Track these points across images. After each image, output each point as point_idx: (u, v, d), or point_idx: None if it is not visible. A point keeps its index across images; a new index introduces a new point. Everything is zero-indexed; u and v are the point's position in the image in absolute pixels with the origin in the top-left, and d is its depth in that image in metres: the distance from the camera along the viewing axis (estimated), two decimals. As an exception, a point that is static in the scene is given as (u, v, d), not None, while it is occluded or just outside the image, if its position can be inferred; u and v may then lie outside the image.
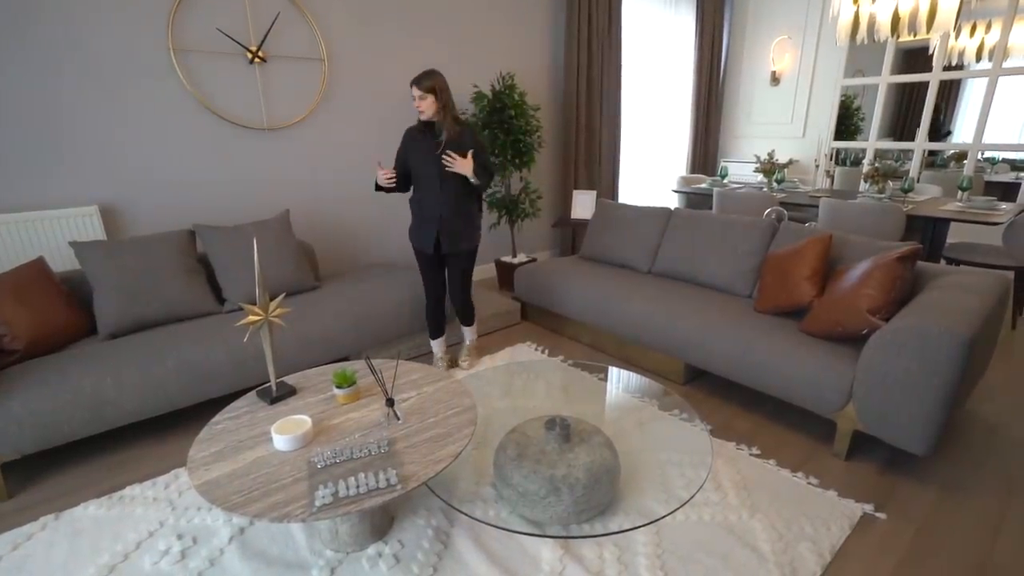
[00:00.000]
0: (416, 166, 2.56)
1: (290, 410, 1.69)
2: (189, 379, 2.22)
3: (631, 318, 2.81)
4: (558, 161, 4.74)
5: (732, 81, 5.84)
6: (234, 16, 2.95)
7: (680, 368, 2.69)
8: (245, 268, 2.73)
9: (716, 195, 4.11)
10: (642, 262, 3.25)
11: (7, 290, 2.22)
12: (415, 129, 2.57)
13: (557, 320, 3.40)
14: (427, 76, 2.39)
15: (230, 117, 3.04)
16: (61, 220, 2.62)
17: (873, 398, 1.92)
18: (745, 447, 2.15)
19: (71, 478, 2.05)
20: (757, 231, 2.81)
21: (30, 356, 2.20)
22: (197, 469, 1.40)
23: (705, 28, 5.44)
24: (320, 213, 3.53)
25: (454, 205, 2.53)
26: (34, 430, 1.93)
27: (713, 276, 2.89)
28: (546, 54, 4.47)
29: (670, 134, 5.70)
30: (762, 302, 2.55)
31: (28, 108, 2.50)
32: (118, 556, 1.65)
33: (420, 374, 1.92)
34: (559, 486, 1.63)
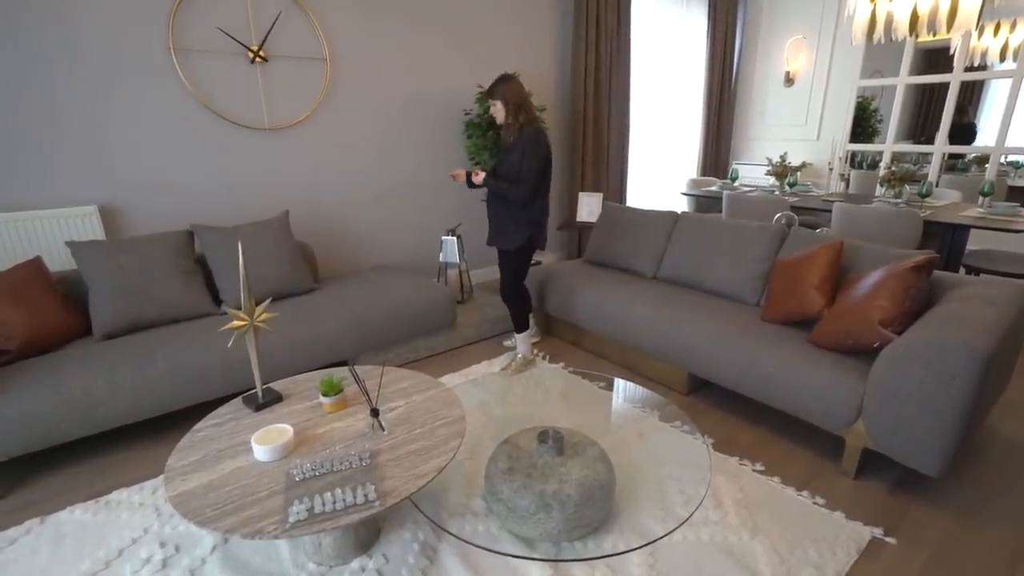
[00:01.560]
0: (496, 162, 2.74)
1: (275, 418, 1.65)
2: (181, 382, 2.19)
3: (634, 325, 2.73)
4: (564, 163, 4.67)
5: (745, 82, 5.72)
6: (235, 15, 2.93)
7: (683, 377, 2.61)
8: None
9: (726, 198, 4.02)
10: (647, 267, 3.17)
11: (2, 290, 2.21)
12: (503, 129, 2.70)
13: (559, 325, 3.33)
14: (497, 83, 2.51)
15: (231, 117, 3.02)
16: (60, 220, 2.62)
17: (884, 414, 1.82)
18: (748, 463, 2.07)
19: (60, 480, 2.03)
20: (766, 236, 2.72)
21: (23, 356, 2.19)
22: (174, 479, 1.36)
23: (717, 28, 5.33)
24: (322, 214, 3.50)
25: (495, 204, 2.68)
26: (24, 432, 1.92)
27: (720, 283, 2.81)
28: (552, 54, 4.40)
29: (681, 136, 5.60)
30: (769, 311, 2.46)
31: (27, 107, 2.49)
32: (99, 563, 1.62)
33: (411, 382, 1.87)
34: (549, 502, 1.56)
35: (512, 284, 2.79)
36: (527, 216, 2.63)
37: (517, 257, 2.73)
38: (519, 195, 2.54)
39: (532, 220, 2.64)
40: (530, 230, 2.65)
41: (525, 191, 2.53)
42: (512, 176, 2.55)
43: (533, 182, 2.53)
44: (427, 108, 3.80)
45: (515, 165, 2.52)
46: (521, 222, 2.64)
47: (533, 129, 2.53)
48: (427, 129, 3.84)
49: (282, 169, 3.28)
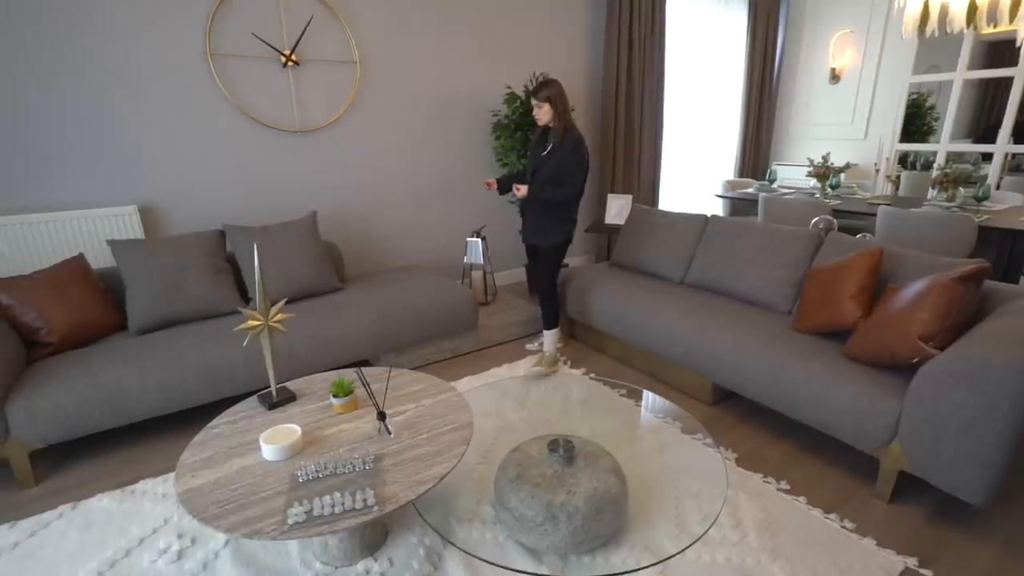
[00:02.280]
0: (528, 158, 2.83)
1: (287, 417, 1.67)
2: (206, 378, 2.26)
3: (659, 332, 2.65)
4: (595, 164, 4.59)
5: (787, 79, 5.49)
6: (269, 21, 3.00)
7: (708, 387, 2.51)
8: (271, 268, 2.77)
9: (762, 201, 3.86)
10: (675, 272, 3.07)
11: (47, 286, 2.33)
12: (537, 133, 2.76)
13: (583, 330, 3.27)
14: (543, 86, 2.54)
15: (263, 120, 3.11)
16: (103, 219, 2.74)
17: (922, 436, 1.70)
18: (773, 480, 1.96)
19: (92, 468, 2.13)
20: (800, 242, 2.59)
21: (63, 349, 2.31)
22: (184, 475, 1.39)
23: (758, 24, 5.14)
24: (350, 214, 3.56)
25: (537, 202, 2.69)
26: (61, 420, 2.01)
27: (750, 290, 2.69)
28: (583, 54, 4.34)
29: (718, 136, 5.43)
30: (802, 320, 2.34)
31: (76, 114, 2.63)
32: (120, 551, 1.68)
33: (423, 385, 1.86)
34: (556, 514, 1.52)
35: (552, 280, 2.85)
36: (566, 214, 2.74)
37: (557, 253, 2.79)
38: (564, 197, 2.63)
39: (570, 218, 2.75)
40: (569, 227, 2.76)
41: (571, 193, 2.63)
42: (554, 178, 2.61)
43: (580, 185, 2.63)
44: (455, 109, 3.81)
45: (561, 166, 2.59)
46: (560, 220, 2.73)
47: (578, 133, 2.63)
48: (455, 130, 3.85)
49: (312, 170, 3.35)
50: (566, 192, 2.62)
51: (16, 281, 2.29)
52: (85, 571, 1.60)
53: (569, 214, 2.75)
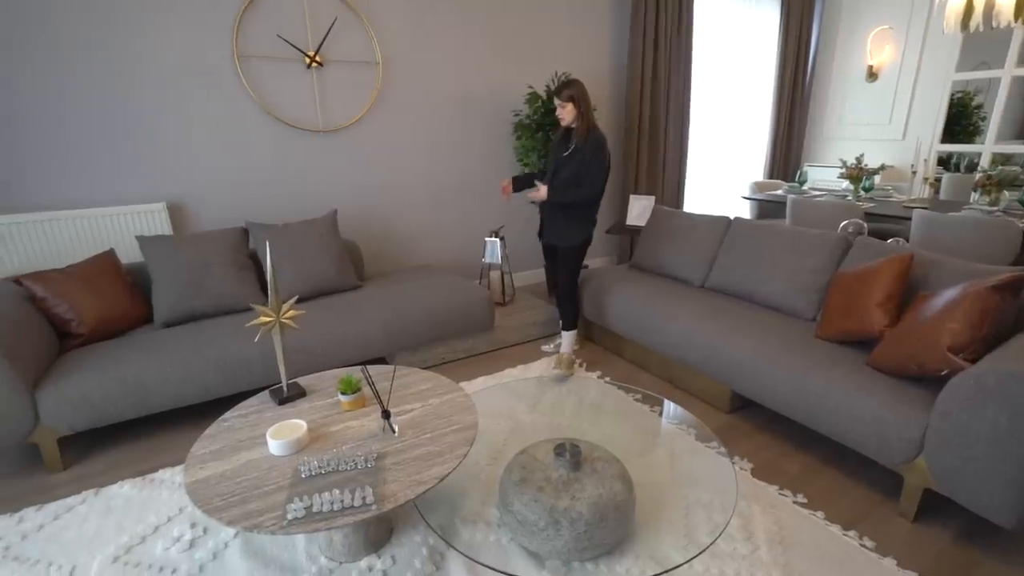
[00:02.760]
0: (549, 157, 2.82)
1: (295, 412, 1.69)
2: (225, 371, 2.32)
3: (676, 336, 2.59)
4: (618, 165, 4.54)
5: (821, 78, 5.32)
6: (294, 23, 3.06)
7: (726, 395, 2.44)
8: (291, 265, 2.82)
9: (790, 203, 3.74)
10: (695, 275, 3.00)
11: (79, 279, 2.43)
12: (559, 133, 2.75)
13: (600, 332, 3.23)
14: (567, 86, 2.53)
15: (287, 119, 3.17)
16: (133, 216, 2.84)
17: (950, 452, 1.61)
18: (790, 493, 1.90)
19: (115, 456, 2.21)
20: (826, 245, 2.49)
21: (92, 340, 2.40)
22: (193, 466, 1.42)
23: (791, 20, 4.98)
24: (370, 213, 3.60)
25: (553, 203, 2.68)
26: (87, 409, 2.09)
27: (772, 294, 2.61)
28: (607, 53, 4.28)
29: (747, 137, 5.29)
30: (825, 328, 2.25)
31: (109, 113, 2.73)
32: (136, 538, 1.73)
33: (431, 384, 1.86)
34: (559, 519, 1.50)
35: (572, 281, 2.83)
36: (585, 214, 2.71)
37: (576, 254, 2.77)
38: (585, 198, 2.61)
39: (590, 218, 2.73)
40: (589, 227, 2.73)
41: (591, 194, 2.61)
42: (576, 178, 2.59)
43: (600, 185, 2.61)
44: (476, 109, 3.81)
45: (583, 167, 2.57)
46: (579, 220, 2.71)
47: (600, 133, 2.60)
48: (475, 130, 3.85)
49: (334, 170, 3.40)
50: (586, 193, 2.60)
51: (50, 274, 2.39)
52: (103, 555, 1.66)
53: (589, 215, 2.72)
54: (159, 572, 1.59)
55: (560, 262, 2.82)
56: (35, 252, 2.64)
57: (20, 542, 1.73)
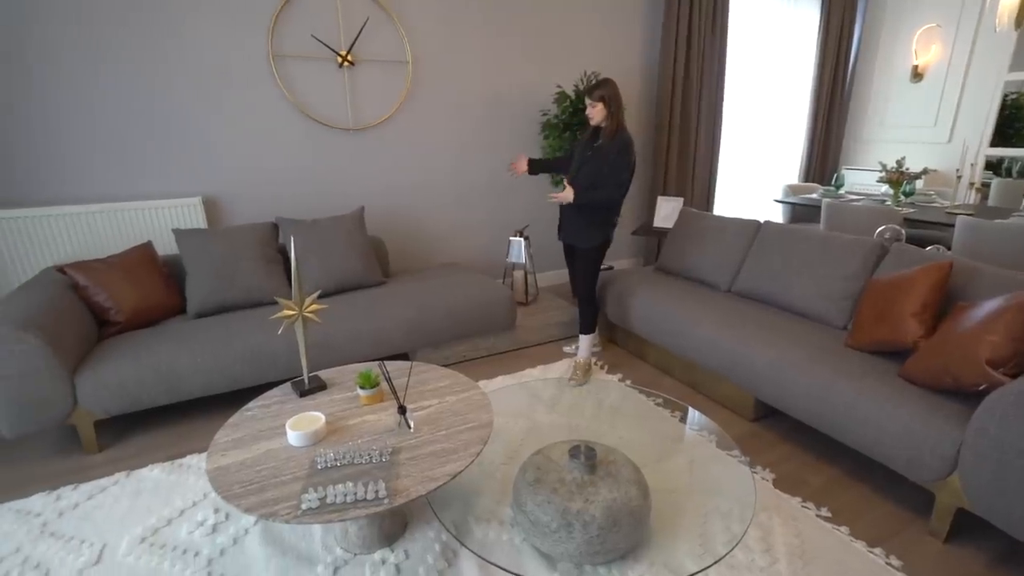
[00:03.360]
0: (573, 156, 2.75)
1: (315, 405, 1.73)
2: (251, 362, 2.38)
3: (700, 341, 2.54)
4: (647, 165, 4.48)
5: (862, 78, 5.13)
6: (327, 23, 3.12)
7: (750, 402, 2.39)
8: (318, 260, 2.88)
9: (825, 207, 3.62)
10: (722, 279, 2.94)
11: (118, 270, 2.54)
12: (586, 131, 2.71)
13: (623, 335, 3.20)
14: (599, 86, 2.50)
15: (319, 118, 3.23)
16: (170, 209, 2.95)
17: (985, 471, 1.53)
18: (813, 506, 1.84)
19: (147, 440, 2.30)
20: (859, 252, 2.41)
21: (129, 328, 2.50)
22: (215, 454, 1.47)
23: (832, 19, 4.83)
24: (397, 211, 3.65)
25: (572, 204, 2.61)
26: (121, 395, 2.18)
27: (801, 301, 2.53)
28: (638, 52, 4.23)
29: (782, 139, 5.15)
30: (856, 337, 2.17)
31: (151, 111, 2.83)
32: (163, 520, 1.80)
33: (449, 382, 1.88)
34: (572, 521, 1.49)
35: (591, 283, 2.78)
36: (605, 216, 2.67)
37: (594, 256, 2.73)
38: (609, 198, 2.57)
39: (609, 220, 2.68)
40: (608, 229, 2.69)
41: (616, 195, 2.57)
42: (598, 176, 2.56)
43: (626, 187, 2.56)
44: (504, 109, 3.82)
45: (608, 166, 2.52)
46: (598, 221, 2.66)
47: (628, 134, 2.55)
48: (503, 129, 3.86)
49: (363, 167, 3.46)
50: (611, 193, 2.56)
51: (92, 264, 2.50)
52: (131, 535, 1.73)
53: (608, 217, 2.67)
54: (182, 554, 1.65)
55: (577, 264, 2.79)
56: (79, 243, 2.77)
57: (57, 519, 1.82)
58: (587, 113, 2.57)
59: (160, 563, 1.61)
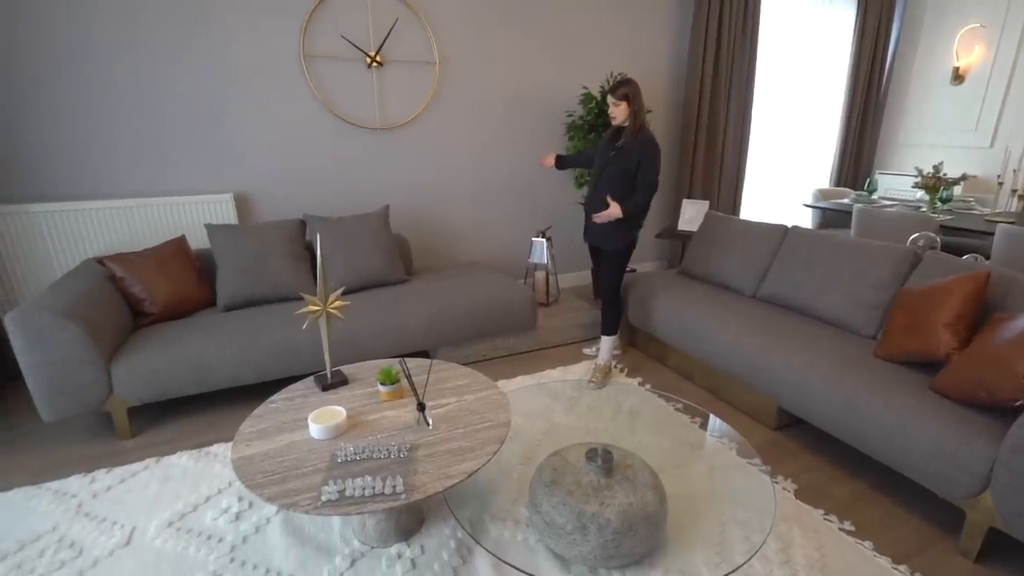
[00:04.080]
0: (596, 157, 2.75)
1: (336, 399, 1.77)
2: (277, 356, 2.44)
3: (723, 347, 2.51)
4: (672, 167, 4.43)
5: (900, 80, 4.98)
6: (357, 24, 3.18)
7: (773, 410, 2.34)
8: (343, 257, 2.93)
9: (856, 213, 3.53)
10: (746, 284, 2.89)
11: (152, 262, 2.63)
12: (608, 132, 2.70)
13: (644, 338, 3.17)
14: (622, 84, 2.49)
15: (346, 117, 3.29)
16: (203, 204, 3.04)
17: (1020, 490, 1.48)
18: (835, 519, 1.80)
19: (177, 427, 2.37)
20: (891, 259, 2.34)
21: (161, 320, 2.58)
22: (240, 443, 1.51)
23: (868, 20, 4.70)
24: (422, 209, 3.69)
25: (599, 204, 2.61)
26: (153, 383, 2.26)
27: (829, 309, 2.47)
28: (666, 53, 4.19)
29: (813, 142, 5.03)
30: (885, 347, 2.12)
31: (188, 110, 2.93)
32: (189, 506, 1.86)
33: (468, 380, 1.89)
34: (587, 524, 1.49)
35: (615, 285, 2.78)
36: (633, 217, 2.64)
37: (620, 257, 2.73)
38: (647, 199, 2.56)
39: (637, 221, 2.67)
40: (635, 230, 2.68)
41: (651, 195, 2.55)
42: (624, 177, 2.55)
43: (656, 186, 2.54)
44: (529, 109, 3.83)
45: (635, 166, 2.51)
46: (625, 222, 2.63)
47: (650, 134, 2.54)
48: (528, 130, 3.87)
49: (389, 166, 3.51)
50: (647, 194, 2.53)
51: (128, 257, 2.59)
52: (159, 520, 1.79)
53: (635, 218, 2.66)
54: (207, 540, 1.70)
55: (603, 265, 2.79)
56: (117, 236, 2.87)
57: (91, 500, 1.90)
58: (609, 112, 2.57)
59: (186, 547, 1.67)
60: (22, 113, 2.63)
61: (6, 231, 2.66)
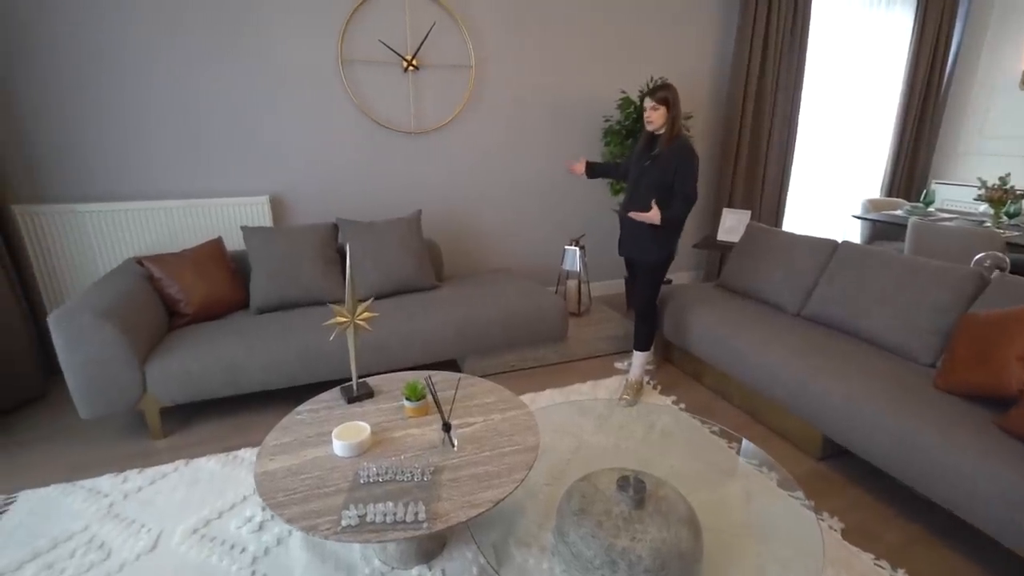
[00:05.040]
0: (629, 168, 2.64)
1: (361, 413, 1.73)
2: (306, 361, 2.44)
3: (764, 368, 2.38)
4: (712, 174, 4.27)
5: (961, 85, 4.68)
6: (394, 28, 3.16)
7: (817, 439, 2.21)
8: (373, 262, 2.92)
9: (912, 227, 3.32)
10: (790, 302, 2.74)
11: (189, 263, 2.67)
12: (644, 137, 2.56)
13: (679, 354, 3.05)
14: (662, 88, 2.40)
15: (382, 121, 3.28)
16: (240, 207, 3.08)
17: (1105, 551, 1.33)
18: (887, 566, 1.66)
19: (208, 429, 2.40)
20: (953, 281, 2.17)
21: (196, 321, 2.62)
22: (263, 457, 1.49)
23: (927, 22, 4.43)
24: (454, 214, 3.65)
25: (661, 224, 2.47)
26: (185, 385, 2.29)
27: (882, 332, 2.31)
28: (709, 55, 4.04)
29: (864, 149, 4.78)
30: (947, 378, 1.96)
31: (227, 113, 2.97)
32: (214, 513, 1.86)
33: (495, 398, 1.84)
34: (616, 559, 1.41)
35: (651, 298, 2.67)
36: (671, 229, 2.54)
37: (657, 270, 2.62)
38: (688, 209, 2.45)
39: (675, 233, 2.57)
40: (673, 242, 2.58)
41: (691, 204, 2.44)
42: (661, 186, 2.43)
43: (696, 193, 2.43)
44: (566, 114, 3.75)
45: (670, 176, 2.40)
46: (663, 234, 2.53)
47: (687, 141, 2.44)
48: (564, 135, 3.79)
49: (423, 170, 3.49)
50: (686, 206, 2.41)
51: (166, 257, 2.64)
52: (184, 526, 1.80)
53: (674, 230, 2.55)
54: (230, 549, 1.69)
55: (639, 278, 2.68)
56: (157, 235, 2.94)
57: (122, 500, 1.93)
58: (646, 117, 2.43)
59: (209, 556, 1.67)
60: (65, 114, 2.71)
61: (54, 229, 2.75)
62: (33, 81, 2.62)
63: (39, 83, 2.63)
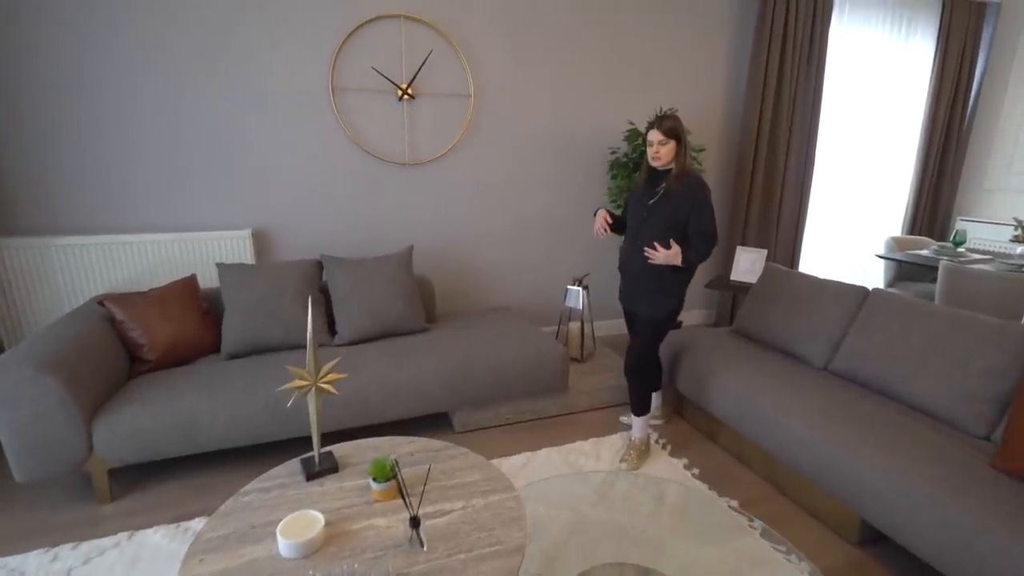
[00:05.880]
0: (628, 211, 2.38)
1: (322, 493, 1.48)
2: (274, 415, 2.19)
3: (788, 434, 2.10)
4: (725, 210, 4.05)
5: (986, 117, 4.47)
6: (389, 55, 3.01)
7: (854, 521, 1.91)
8: (359, 302, 2.70)
9: (944, 271, 3.05)
10: (816, 354, 2.47)
11: (156, 304, 2.45)
12: (644, 175, 2.31)
13: (692, 410, 2.77)
14: (669, 119, 2.15)
15: (374, 152, 3.10)
16: (221, 240, 2.88)
17: None
18: None
19: (162, 493, 2.14)
20: (1008, 342, 1.90)
21: (159, 367, 2.39)
22: (192, 558, 1.24)
23: (950, 52, 4.24)
24: (449, 250, 3.44)
25: (642, 261, 2.23)
26: (137, 443, 2.04)
27: (925, 397, 2.03)
28: (720, 85, 3.85)
29: (884, 185, 4.55)
30: (1008, 457, 1.67)
31: (211, 143, 2.80)
32: (150, 605, 1.59)
33: (478, 476, 1.57)
34: None
35: (646, 354, 2.36)
36: (680, 277, 2.27)
37: (661, 325, 2.33)
38: (704, 256, 2.20)
39: (685, 281, 2.29)
40: (682, 292, 2.30)
41: (708, 250, 2.20)
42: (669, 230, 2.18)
43: (714, 238, 2.20)
44: (570, 145, 3.56)
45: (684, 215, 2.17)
46: (672, 285, 2.27)
47: (699, 176, 2.21)
48: (566, 167, 3.59)
49: (416, 203, 3.29)
50: (707, 245, 2.18)
51: (131, 297, 2.42)
52: (111, 622, 1.53)
53: (684, 277, 2.28)
54: (158, 659, 1.42)
55: (640, 329, 2.37)
56: (130, 271, 2.73)
57: (47, 585, 1.66)
58: (651, 153, 2.16)
59: (131, 669, 1.39)
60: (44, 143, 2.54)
61: (15, 265, 2.56)
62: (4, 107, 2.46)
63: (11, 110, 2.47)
